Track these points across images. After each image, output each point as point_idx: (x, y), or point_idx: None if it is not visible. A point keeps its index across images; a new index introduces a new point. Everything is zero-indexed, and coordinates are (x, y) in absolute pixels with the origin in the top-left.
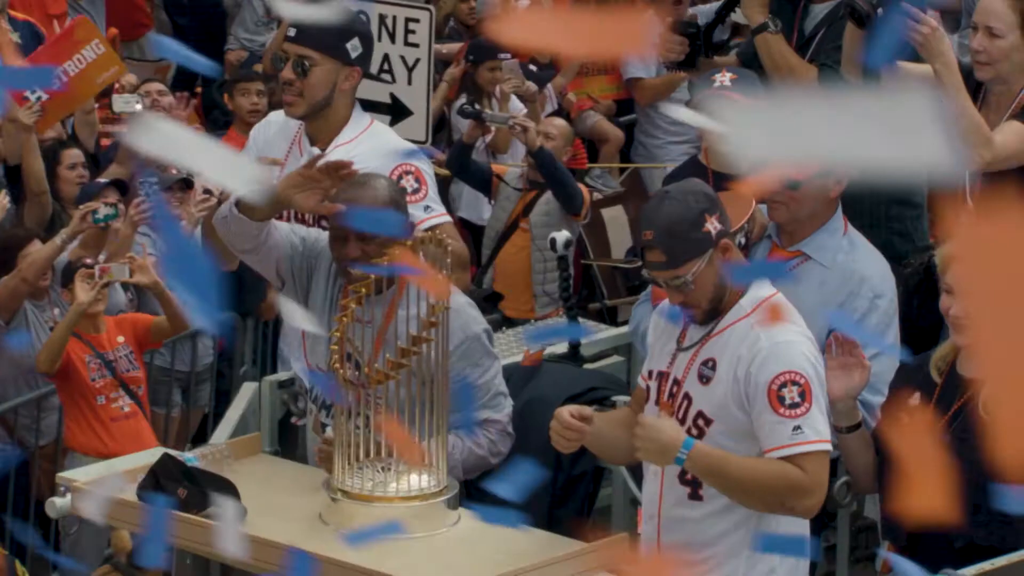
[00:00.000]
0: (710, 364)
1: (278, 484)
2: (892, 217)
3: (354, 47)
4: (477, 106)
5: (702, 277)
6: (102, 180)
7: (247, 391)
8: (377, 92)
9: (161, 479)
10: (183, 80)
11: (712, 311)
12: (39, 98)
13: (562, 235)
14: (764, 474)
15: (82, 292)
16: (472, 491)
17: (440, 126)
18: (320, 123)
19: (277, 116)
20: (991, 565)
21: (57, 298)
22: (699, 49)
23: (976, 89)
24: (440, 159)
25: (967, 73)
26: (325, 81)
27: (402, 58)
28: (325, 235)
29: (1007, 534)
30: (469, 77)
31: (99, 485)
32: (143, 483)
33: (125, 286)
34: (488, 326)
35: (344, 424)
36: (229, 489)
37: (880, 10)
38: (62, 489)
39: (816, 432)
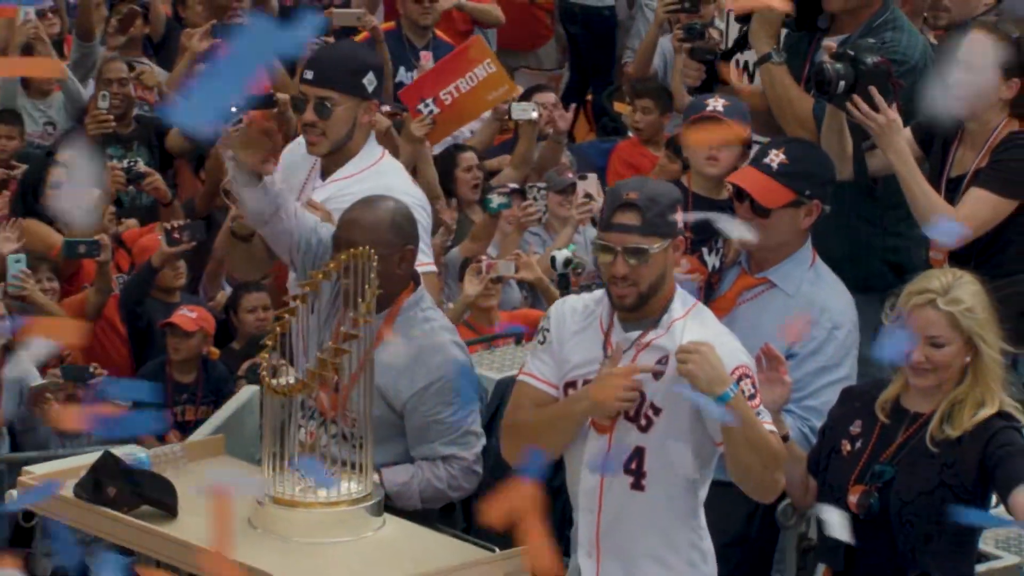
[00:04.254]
0: (663, 361)
1: None
2: (887, 248)
3: (370, 81)
4: None
5: (656, 261)
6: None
7: (244, 394)
8: None
9: (100, 477)
10: (575, 88)
11: (642, 300)
12: (431, 112)
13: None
14: (769, 436)
15: (469, 285)
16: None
17: None
18: (336, 156)
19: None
20: None
21: (451, 293)
22: (716, 75)
23: (955, 130)
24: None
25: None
26: (346, 119)
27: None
28: None
29: (960, 565)
30: None
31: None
32: (81, 481)
33: (521, 284)
34: (469, 366)
35: (274, 431)
36: (167, 489)
37: (843, 83)
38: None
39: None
